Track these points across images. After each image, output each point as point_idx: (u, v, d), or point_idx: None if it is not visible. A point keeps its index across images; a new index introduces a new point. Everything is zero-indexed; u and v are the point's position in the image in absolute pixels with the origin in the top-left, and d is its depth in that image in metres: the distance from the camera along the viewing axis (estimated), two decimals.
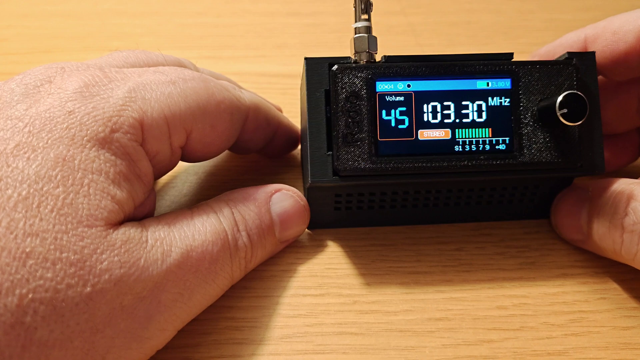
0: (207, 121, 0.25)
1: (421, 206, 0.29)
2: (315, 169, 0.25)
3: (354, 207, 0.29)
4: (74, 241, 0.20)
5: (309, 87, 0.26)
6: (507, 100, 0.26)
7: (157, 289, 0.21)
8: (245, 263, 0.25)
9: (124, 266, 0.20)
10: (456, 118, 0.25)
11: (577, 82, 0.26)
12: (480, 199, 0.29)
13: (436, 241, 0.29)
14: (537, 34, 0.40)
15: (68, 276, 0.19)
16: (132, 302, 0.21)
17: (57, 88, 0.22)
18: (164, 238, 0.22)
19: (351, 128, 0.25)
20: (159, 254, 0.22)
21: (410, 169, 0.25)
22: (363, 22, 0.26)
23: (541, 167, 0.26)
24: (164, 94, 0.23)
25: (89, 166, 0.21)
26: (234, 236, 0.24)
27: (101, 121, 0.22)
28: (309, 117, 0.26)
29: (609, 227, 0.26)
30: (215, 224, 0.24)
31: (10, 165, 0.20)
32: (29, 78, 0.23)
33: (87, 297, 0.19)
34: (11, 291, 0.18)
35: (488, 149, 0.25)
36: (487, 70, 0.26)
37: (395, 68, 0.25)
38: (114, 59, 0.26)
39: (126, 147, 0.22)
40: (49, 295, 0.19)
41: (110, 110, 0.22)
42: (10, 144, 0.20)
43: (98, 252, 0.20)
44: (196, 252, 0.23)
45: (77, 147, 0.21)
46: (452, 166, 0.25)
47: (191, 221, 0.24)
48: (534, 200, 0.29)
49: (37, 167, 0.20)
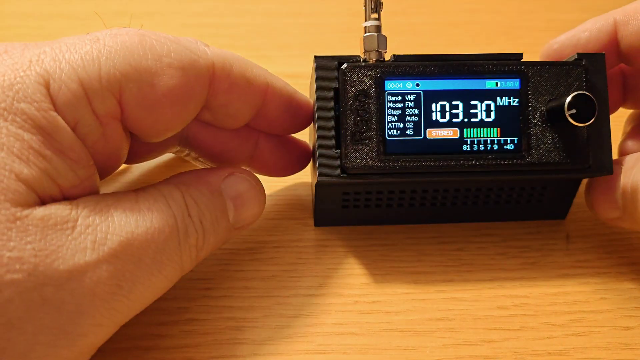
0: (145, 79, 0.21)
1: (429, 205, 0.29)
2: (324, 166, 0.25)
3: (362, 205, 0.29)
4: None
5: (318, 85, 0.26)
6: (515, 101, 0.26)
7: (88, 280, 0.19)
8: (196, 251, 0.23)
9: (40, 254, 0.18)
10: (465, 117, 0.25)
11: (586, 83, 0.26)
12: (488, 198, 0.29)
13: (437, 241, 0.29)
14: (538, 34, 0.40)
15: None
16: (56, 294, 0.18)
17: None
18: (98, 224, 0.20)
19: (360, 126, 0.25)
20: (89, 241, 0.19)
21: (418, 168, 0.25)
22: (373, 21, 0.26)
23: (549, 167, 0.26)
24: (79, 53, 0.20)
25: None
26: (184, 222, 0.22)
27: (0, 90, 0.19)
28: (318, 115, 0.26)
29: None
30: (164, 208, 0.22)
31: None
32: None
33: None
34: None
35: (496, 149, 0.25)
36: (496, 70, 0.26)
37: (404, 67, 0.25)
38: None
39: (35, 119, 0.19)
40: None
41: (12, 75, 0.19)
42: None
43: (4, 238, 0.18)
44: (139, 240, 0.20)
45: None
46: (460, 165, 0.25)
47: (135, 205, 0.21)
48: (542, 201, 0.29)
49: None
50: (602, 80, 0.26)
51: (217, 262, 0.28)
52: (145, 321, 0.26)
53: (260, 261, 0.28)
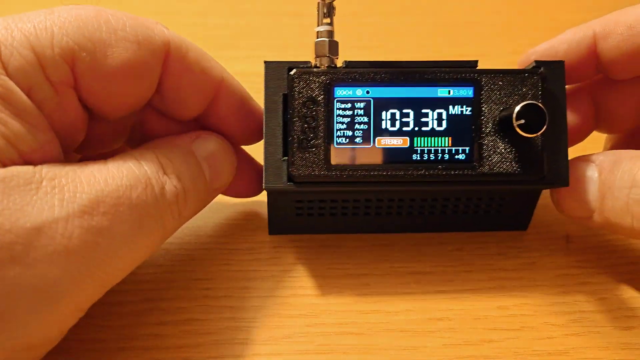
0: (98, 50, 0.21)
1: (384, 214, 0.28)
2: (270, 173, 0.25)
3: (316, 213, 0.28)
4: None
5: (267, 90, 0.25)
6: (468, 109, 0.25)
7: (59, 237, 0.19)
8: (178, 210, 0.23)
9: (4, 213, 0.18)
10: (415, 126, 0.25)
11: (543, 92, 0.25)
12: (445, 208, 0.28)
13: (437, 241, 0.29)
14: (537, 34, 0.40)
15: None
16: (26, 252, 0.18)
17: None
18: (65, 185, 0.20)
19: (307, 134, 0.24)
20: (57, 199, 0.19)
21: (366, 177, 0.25)
22: (325, 26, 0.25)
23: (501, 178, 0.25)
24: (32, 22, 0.21)
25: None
26: (159, 180, 0.22)
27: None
28: (266, 120, 0.25)
29: (627, 202, 0.24)
30: (134, 168, 0.22)
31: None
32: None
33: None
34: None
35: (447, 159, 0.25)
36: (449, 78, 0.25)
37: (354, 74, 0.25)
38: None
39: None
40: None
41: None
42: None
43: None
44: (110, 197, 0.20)
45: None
46: (409, 175, 0.25)
47: (104, 167, 0.21)
48: (502, 212, 0.29)
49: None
50: (561, 89, 0.26)
51: (217, 262, 0.28)
52: (145, 321, 0.26)
53: (260, 261, 0.28)
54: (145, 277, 0.27)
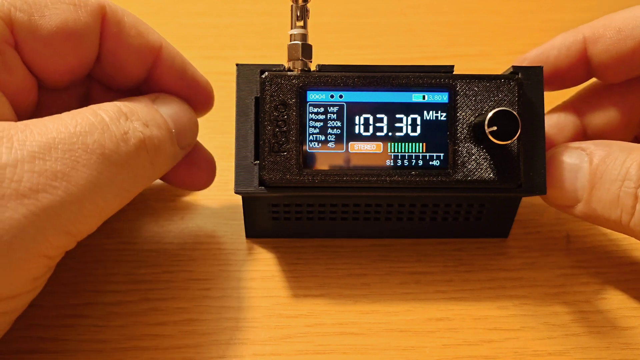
0: (35, 10, 0.22)
1: (362, 219, 0.28)
2: (241, 177, 0.25)
3: (292, 217, 0.28)
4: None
5: (238, 93, 0.25)
6: (443, 115, 0.25)
7: (7, 180, 0.19)
8: (149, 158, 0.23)
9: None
10: (389, 131, 0.25)
11: (520, 98, 0.25)
12: (424, 215, 0.28)
13: (437, 241, 0.29)
14: (537, 35, 0.40)
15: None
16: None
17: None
18: (14, 135, 0.19)
19: (278, 137, 0.24)
20: (4, 147, 0.19)
21: (339, 182, 0.24)
22: (298, 29, 0.25)
23: (477, 185, 0.25)
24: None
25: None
26: (120, 125, 0.22)
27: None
28: (237, 123, 0.25)
29: (617, 195, 0.24)
30: (90, 115, 0.21)
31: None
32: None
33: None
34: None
35: (421, 165, 0.25)
36: (424, 83, 0.25)
37: (327, 78, 0.25)
38: None
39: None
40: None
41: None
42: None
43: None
44: (63, 142, 0.20)
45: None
46: (383, 181, 0.24)
47: (57, 118, 0.21)
48: (481, 219, 0.28)
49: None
50: (538, 95, 0.25)
51: (217, 262, 0.28)
52: (144, 321, 0.26)
53: (260, 261, 0.28)
54: (144, 277, 0.27)
